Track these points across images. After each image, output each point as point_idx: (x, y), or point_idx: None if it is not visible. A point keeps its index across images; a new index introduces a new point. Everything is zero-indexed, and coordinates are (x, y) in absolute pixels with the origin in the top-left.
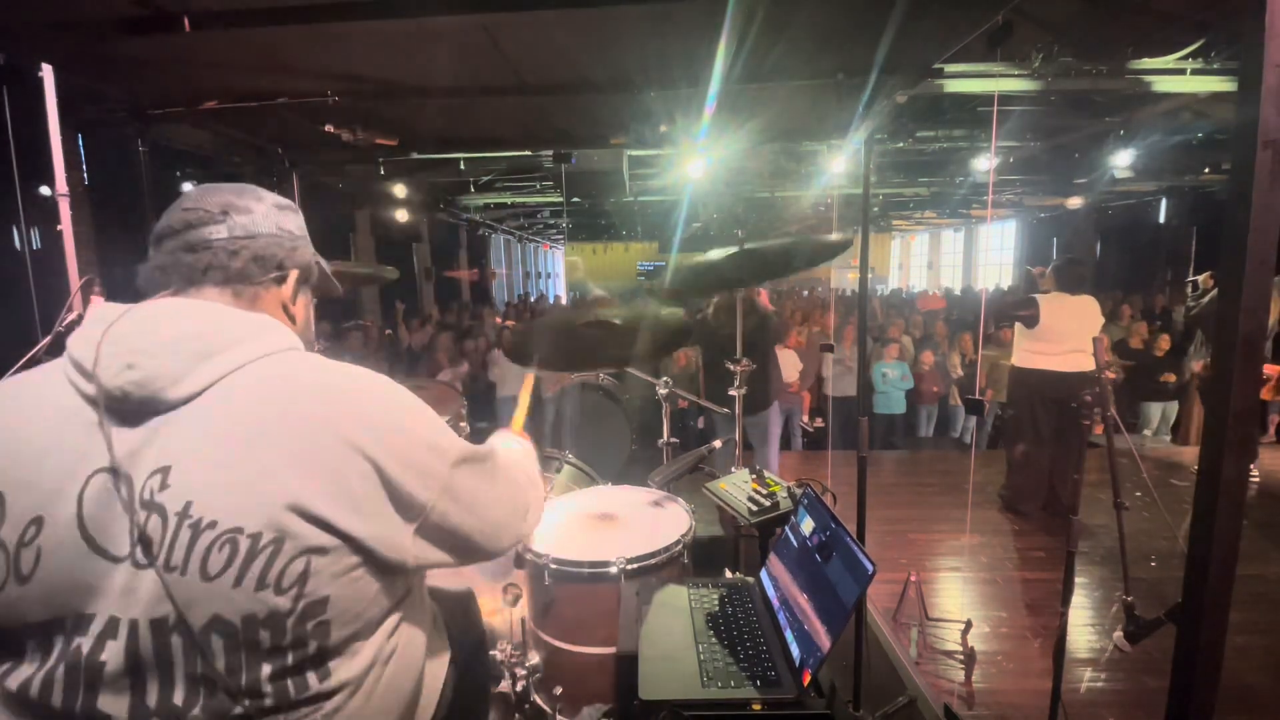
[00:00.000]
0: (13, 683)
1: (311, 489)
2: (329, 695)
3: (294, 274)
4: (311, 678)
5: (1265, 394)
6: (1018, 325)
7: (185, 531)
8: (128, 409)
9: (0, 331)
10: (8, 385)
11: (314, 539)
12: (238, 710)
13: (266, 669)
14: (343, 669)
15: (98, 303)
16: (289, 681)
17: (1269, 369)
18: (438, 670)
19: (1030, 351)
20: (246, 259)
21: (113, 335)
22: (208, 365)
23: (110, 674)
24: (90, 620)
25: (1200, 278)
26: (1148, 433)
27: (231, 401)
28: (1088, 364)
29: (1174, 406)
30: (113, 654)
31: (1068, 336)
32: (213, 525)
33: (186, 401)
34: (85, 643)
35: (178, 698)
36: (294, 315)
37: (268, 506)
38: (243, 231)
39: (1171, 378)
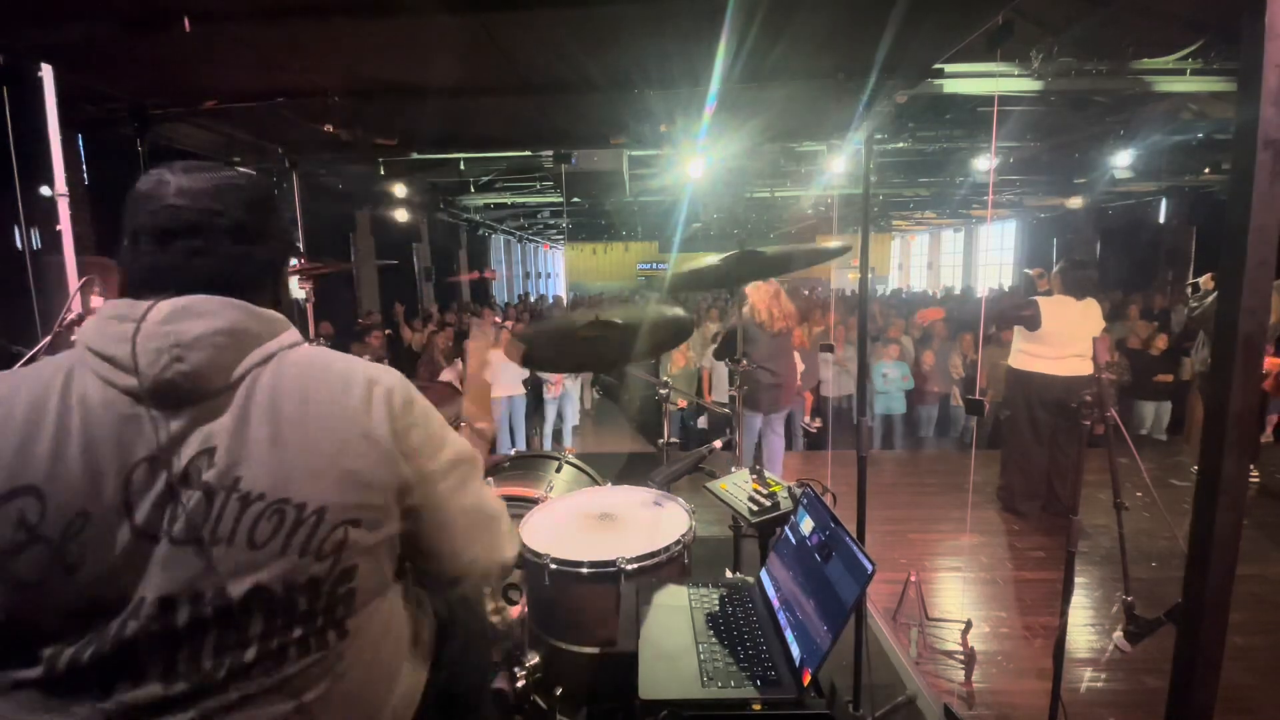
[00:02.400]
0: (44, 666)
1: (346, 465)
2: (341, 657)
3: (285, 268)
4: (332, 636)
5: (1266, 386)
6: (1018, 327)
7: (234, 504)
8: (171, 400)
9: (0, 331)
10: (22, 384)
11: (351, 511)
12: (261, 668)
13: (298, 631)
14: (356, 629)
15: (97, 303)
16: (312, 640)
17: (1268, 363)
18: (425, 649)
19: (1029, 354)
20: (257, 265)
21: (151, 331)
22: (243, 359)
23: (143, 644)
24: (128, 602)
25: (1201, 279)
26: (1143, 431)
27: (265, 390)
28: (1088, 368)
29: (1167, 406)
30: (143, 627)
31: (1069, 340)
32: (261, 497)
33: (223, 391)
34: (121, 619)
35: (207, 662)
36: (283, 299)
37: (311, 480)
38: (248, 238)
39: (1169, 378)
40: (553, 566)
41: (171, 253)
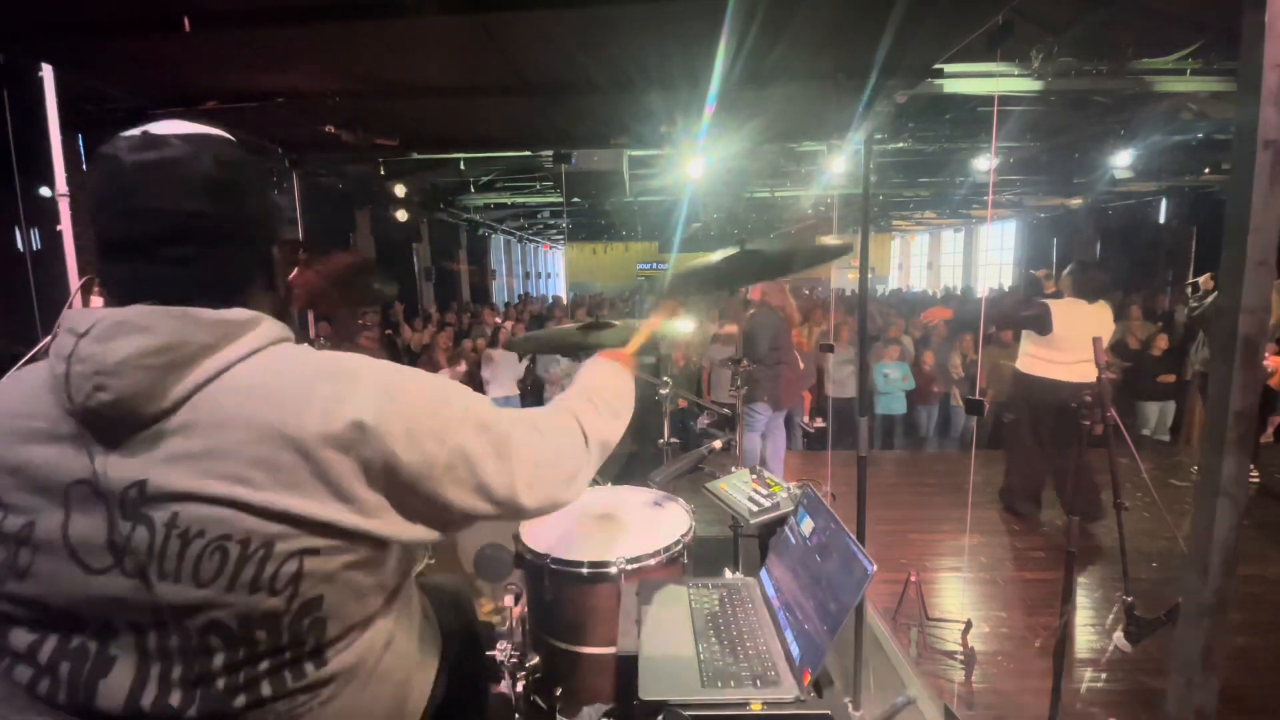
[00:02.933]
0: (17, 678)
1: (295, 493)
2: (325, 683)
3: (274, 250)
4: (309, 667)
5: (1274, 383)
6: (1025, 330)
7: (174, 541)
8: (101, 427)
9: (0, 331)
10: (11, 384)
11: (303, 541)
12: (236, 704)
13: (265, 664)
14: (338, 659)
15: (96, 303)
16: (286, 673)
17: (1272, 361)
18: (430, 661)
19: (1037, 358)
20: (242, 263)
21: (79, 353)
22: (181, 379)
23: (108, 677)
24: (85, 625)
25: (1201, 279)
26: (1145, 432)
27: (210, 411)
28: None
29: (1171, 406)
30: (107, 658)
31: (1081, 345)
32: (201, 534)
33: (165, 415)
34: (87, 641)
35: (174, 699)
36: (277, 285)
37: (254, 513)
38: (229, 236)
39: (1171, 378)
40: (553, 566)
41: (157, 263)
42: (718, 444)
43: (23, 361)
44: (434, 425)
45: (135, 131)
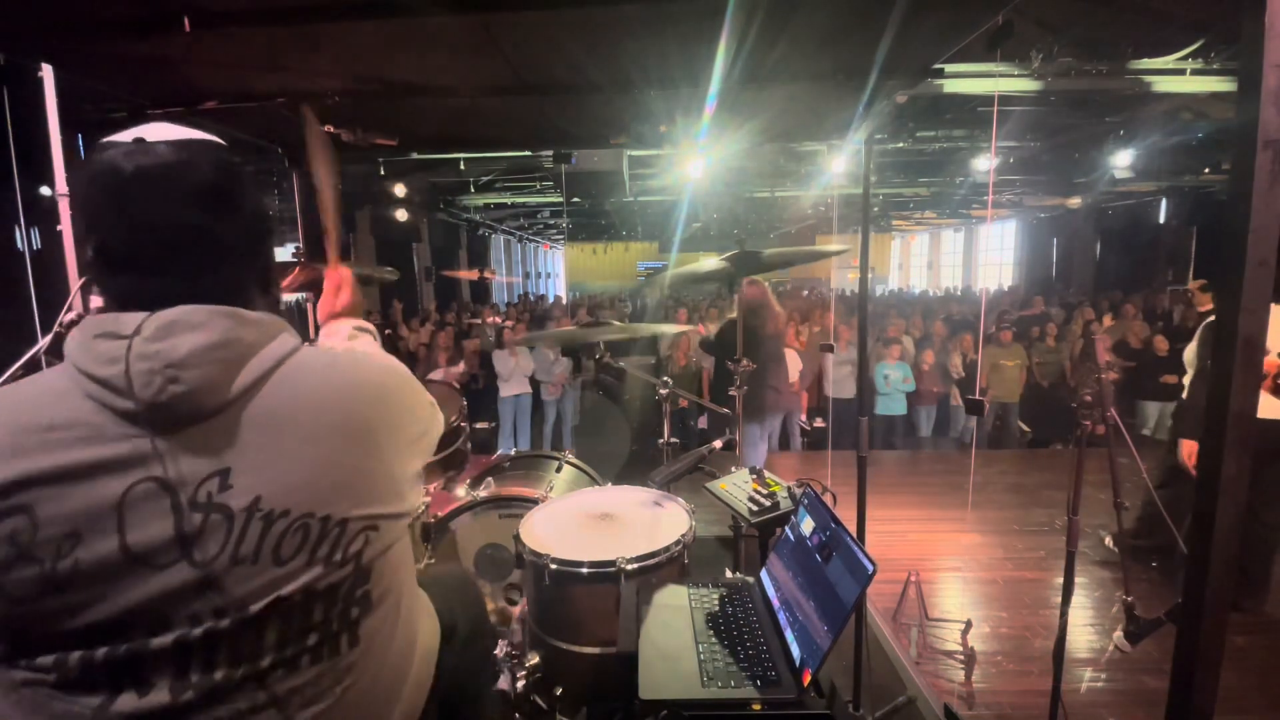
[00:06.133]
0: (51, 672)
1: (366, 473)
2: (353, 664)
3: (274, 262)
4: (344, 642)
5: (1265, 387)
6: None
7: (257, 524)
8: (170, 422)
9: (0, 331)
10: (19, 402)
11: (371, 519)
12: (273, 677)
13: (313, 638)
14: (367, 635)
15: (97, 303)
16: (325, 647)
17: (1267, 364)
18: (432, 646)
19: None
20: (241, 269)
21: (141, 351)
22: (241, 371)
23: (154, 660)
24: (130, 631)
25: (1192, 285)
26: (1145, 432)
27: (274, 403)
28: None
29: (1171, 407)
30: (157, 649)
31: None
32: (285, 514)
33: (224, 408)
34: (131, 640)
35: (219, 672)
36: (278, 296)
37: (334, 491)
38: (229, 243)
39: (1173, 379)
40: (553, 566)
41: (153, 260)
42: (718, 444)
43: (23, 361)
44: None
45: (127, 138)
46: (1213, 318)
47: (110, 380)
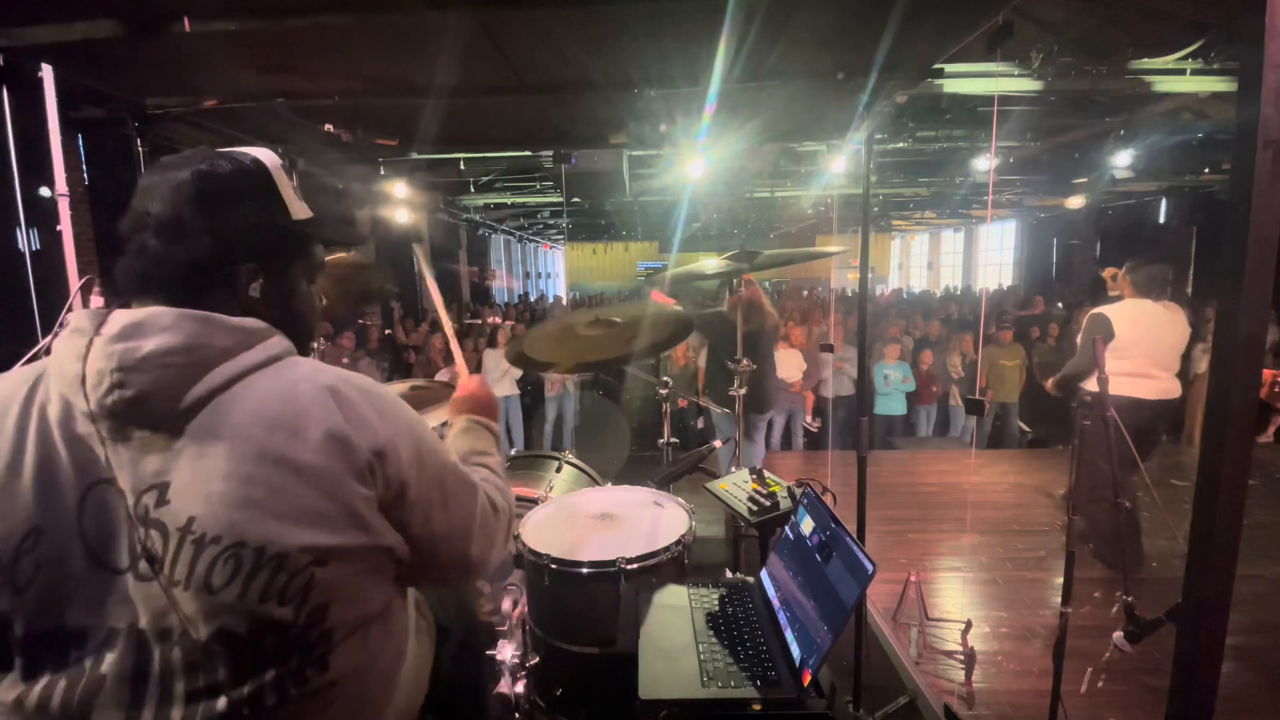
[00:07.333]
0: (9, 694)
1: (312, 505)
2: (328, 688)
3: (254, 269)
4: (311, 673)
5: (1262, 395)
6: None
7: (188, 548)
8: (119, 425)
9: (0, 331)
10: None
11: (317, 553)
12: (241, 714)
13: (271, 674)
14: (339, 663)
15: (97, 303)
16: (289, 681)
17: (1265, 373)
18: (425, 656)
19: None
20: (217, 267)
21: (99, 351)
22: (200, 381)
23: (110, 686)
24: (91, 632)
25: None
26: None
27: (226, 418)
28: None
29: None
30: (112, 666)
31: (1153, 354)
32: (216, 541)
33: (182, 417)
34: (85, 655)
35: (176, 711)
36: (277, 307)
37: (272, 521)
38: (189, 231)
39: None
40: (553, 566)
41: (127, 255)
42: (718, 444)
43: (23, 361)
44: (426, 456)
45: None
46: (1098, 308)
47: (71, 376)
